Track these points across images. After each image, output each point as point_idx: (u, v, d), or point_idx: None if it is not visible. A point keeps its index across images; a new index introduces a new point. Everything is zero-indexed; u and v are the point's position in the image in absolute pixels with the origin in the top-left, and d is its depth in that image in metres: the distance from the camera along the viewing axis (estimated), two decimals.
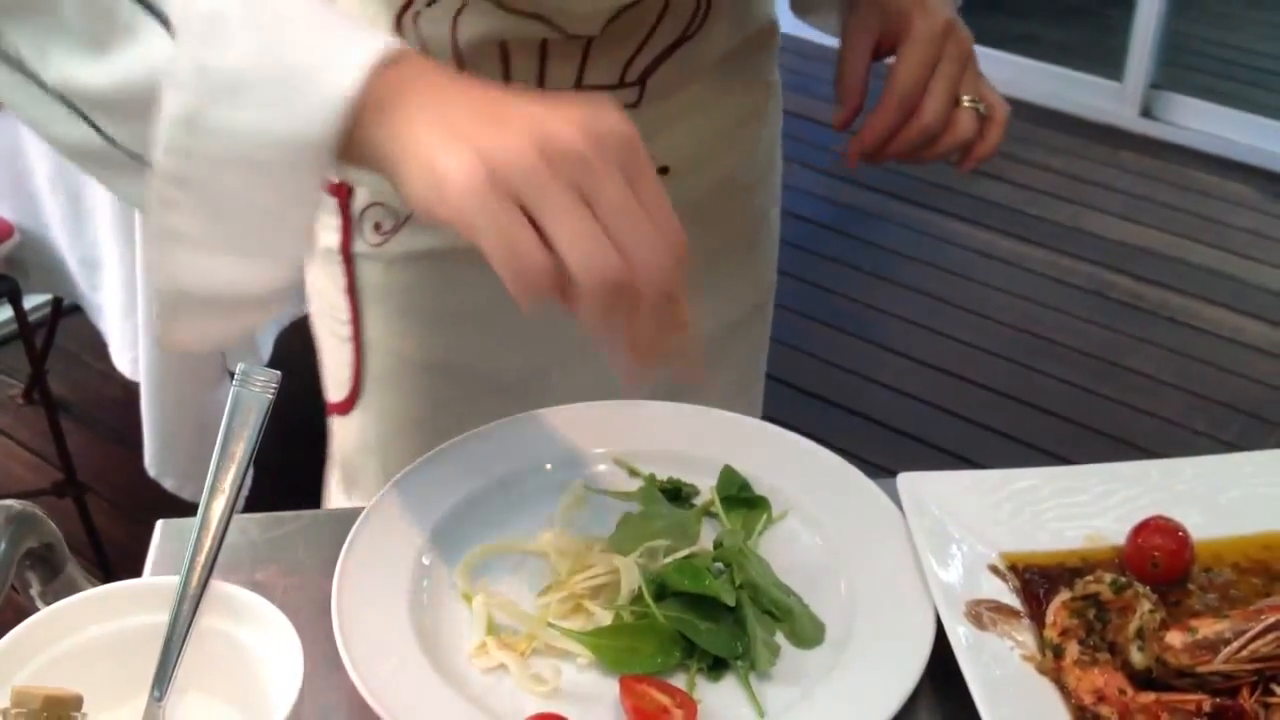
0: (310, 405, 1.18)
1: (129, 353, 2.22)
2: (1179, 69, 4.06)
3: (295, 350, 1.42)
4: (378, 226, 1.05)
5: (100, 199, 2.12)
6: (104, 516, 2.49)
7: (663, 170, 1.05)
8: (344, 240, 1.07)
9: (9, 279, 2.26)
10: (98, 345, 2.37)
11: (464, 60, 0.94)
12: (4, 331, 2.90)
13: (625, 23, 0.95)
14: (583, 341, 1.04)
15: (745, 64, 1.10)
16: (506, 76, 0.96)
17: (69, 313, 2.66)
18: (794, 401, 2.93)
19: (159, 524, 0.89)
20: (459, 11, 0.92)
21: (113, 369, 2.28)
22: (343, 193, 1.05)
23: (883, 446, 2.79)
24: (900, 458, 2.76)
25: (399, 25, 0.94)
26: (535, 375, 1.04)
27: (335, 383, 1.14)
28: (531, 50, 0.95)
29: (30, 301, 2.57)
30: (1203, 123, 3.89)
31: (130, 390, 2.25)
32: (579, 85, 0.98)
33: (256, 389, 0.75)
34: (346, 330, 1.10)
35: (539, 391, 1.02)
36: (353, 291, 1.08)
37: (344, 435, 1.14)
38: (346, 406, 1.13)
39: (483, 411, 0.96)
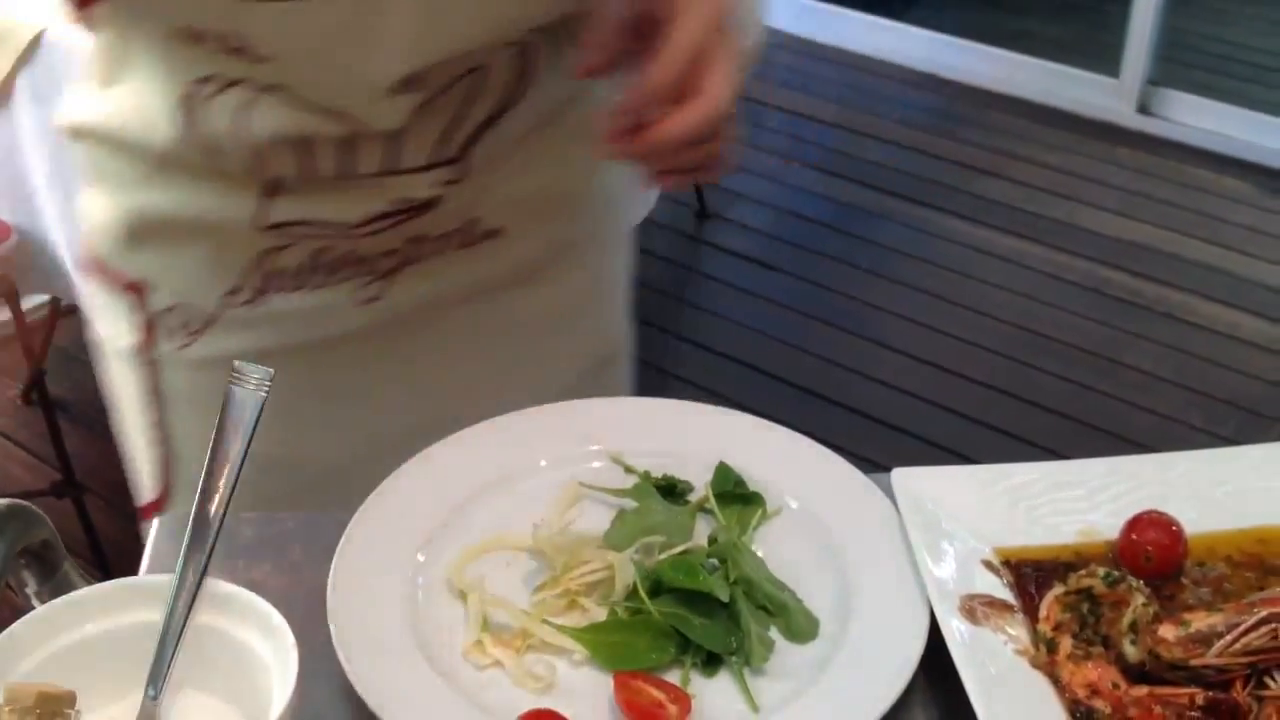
0: None
1: None
2: (1176, 65, 4.06)
3: None
4: (178, 329, 1.01)
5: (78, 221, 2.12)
6: (102, 516, 2.49)
7: (493, 234, 1.02)
8: (144, 342, 1.02)
9: (6, 280, 2.26)
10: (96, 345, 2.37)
11: (256, 148, 0.90)
12: (2, 332, 2.90)
13: (435, 109, 0.91)
14: (398, 433, 0.99)
15: (574, 121, 1.04)
16: (304, 170, 0.92)
17: (67, 313, 2.66)
18: (792, 398, 2.93)
19: (155, 521, 0.89)
20: (250, 105, 0.88)
21: None
22: (137, 291, 1.01)
23: (880, 443, 2.79)
24: (898, 454, 2.74)
25: (187, 105, 0.90)
26: (362, 463, 0.93)
27: (143, 484, 1.09)
28: (336, 146, 0.91)
29: (29, 302, 2.57)
30: (1200, 119, 3.89)
31: None
32: (392, 170, 0.93)
33: (251, 386, 0.75)
34: (153, 433, 1.06)
35: (363, 481, 0.91)
36: (156, 394, 1.04)
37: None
38: (157, 508, 1.09)
39: (302, 505, 0.91)
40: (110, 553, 2.42)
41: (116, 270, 1.02)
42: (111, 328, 1.05)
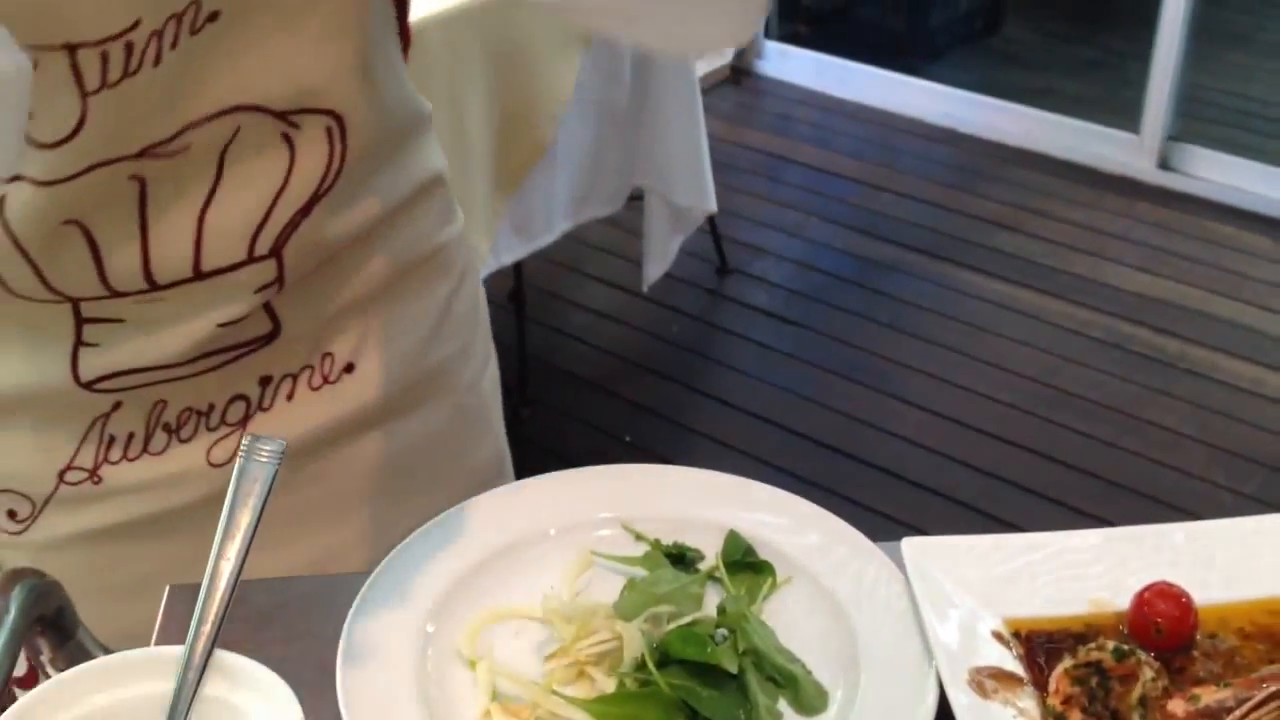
0: None
1: None
2: (1196, 121, 4.07)
3: None
4: (11, 514, 0.92)
5: None
6: None
7: (350, 368, 0.95)
8: None
9: None
10: None
11: (37, 258, 0.79)
12: None
13: (237, 175, 0.82)
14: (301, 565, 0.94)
15: (407, 233, 0.96)
16: (102, 273, 0.81)
17: None
18: (811, 453, 2.93)
19: (167, 589, 0.89)
20: (1, 200, 0.77)
21: None
22: None
23: (900, 499, 2.79)
24: (917, 510, 2.75)
25: None
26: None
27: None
28: (127, 227, 0.80)
29: None
30: (1220, 174, 3.90)
31: None
32: (197, 270, 0.83)
33: (263, 459, 0.76)
34: None
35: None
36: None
37: None
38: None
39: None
40: None
41: None
42: None
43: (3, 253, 0.79)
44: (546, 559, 0.91)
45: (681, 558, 0.91)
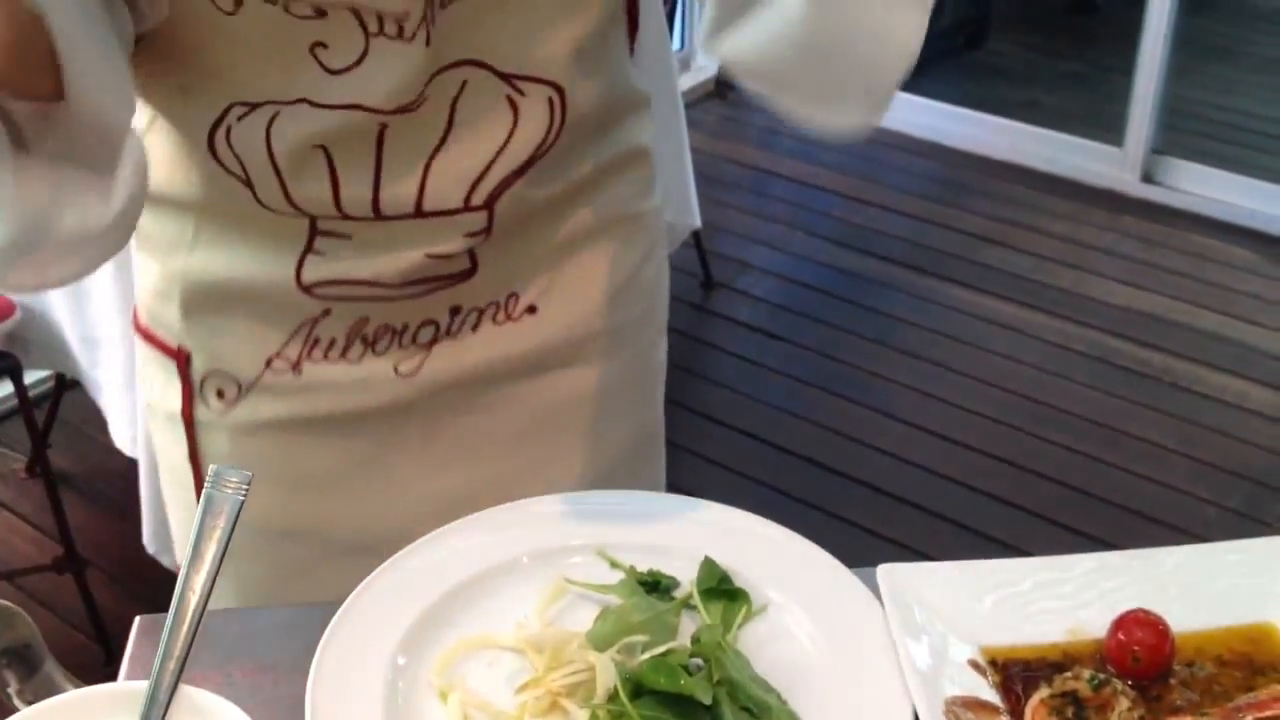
0: None
1: (128, 430, 2.23)
2: (1180, 134, 4.07)
3: None
4: (220, 394, 1.02)
5: (101, 278, 2.14)
6: (105, 591, 2.49)
7: (532, 310, 1.03)
8: (185, 406, 1.04)
9: (10, 356, 2.27)
10: (101, 419, 2.38)
11: (285, 174, 0.91)
12: (6, 406, 2.91)
13: (465, 130, 0.92)
14: (442, 501, 1.01)
15: (610, 194, 1.05)
16: (336, 196, 0.92)
17: (73, 385, 2.66)
18: (795, 468, 2.92)
19: (136, 620, 0.88)
20: (273, 119, 0.89)
21: None
22: (181, 358, 1.03)
23: (883, 514, 2.78)
24: (901, 526, 2.75)
25: (212, 143, 0.91)
26: (396, 535, 0.94)
27: (185, 544, 1.08)
28: (364, 160, 0.91)
29: (33, 376, 2.58)
30: (1205, 187, 3.90)
31: (134, 465, 2.25)
32: (419, 209, 0.94)
33: (229, 490, 0.75)
34: (192, 496, 1.06)
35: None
36: (195, 458, 1.05)
37: None
38: None
39: (342, 573, 0.90)
40: (111, 628, 2.41)
41: (160, 335, 1.04)
42: (157, 392, 1.06)
43: (259, 165, 0.91)
44: (520, 587, 0.90)
45: (656, 585, 0.91)
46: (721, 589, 0.90)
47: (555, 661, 0.83)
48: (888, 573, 0.88)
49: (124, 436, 2.24)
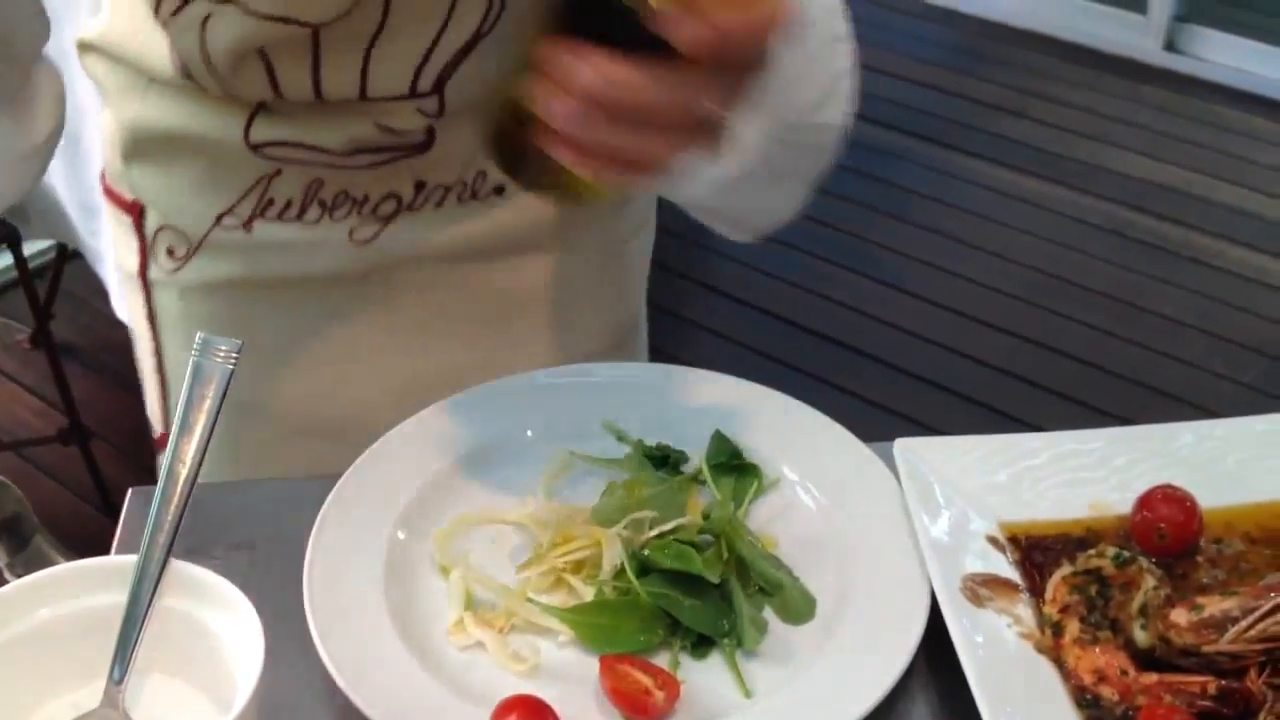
0: None
1: None
2: (1204, 1, 3.97)
3: None
4: (170, 252, 0.99)
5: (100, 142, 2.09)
6: (110, 462, 2.48)
7: (500, 190, 0.98)
8: (141, 264, 1.01)
9: (8, 224, 2.23)
10: (104, 290, 2.34)
11: (223, 73, 0.88)
12: (7, 277, 2.88)
13: (401, 19, 0.87)
14: (399, 384, 0.98)
15: None
16: (275, 88, 0.89)
17: (75, 256, 2.63)
18: (808, 344, 2.89)
19: (129, 493, 0.86)
20: (206, 20, 0.86)
21: None
22: (135, 212, 1.00)
23: (898, 391, 2.75)
24: (916, 403, 2.72)
25: (163, 29, 0.88)
26: (354, 421, 0.92)
27: (154, 415, 1.08)
28: (300, 58, 0.87)
29: (33, 247, 2.54)
30: (1228, 57, 3.81)
31: None
32: (363, 95, 0.89)
33: (219, 359, 0.72)
34: (152, 361, 1.05)
35: (357, 437, 0.88)
36: (152, 319, 1.03)
37: None
38: (163, 443, 1.03)
39: (297, 455, 0.86)
40: (117, 499, 2.40)
41: (119, 190, 1.01)
42: (121, 252, 1.03)
43: (195, 64, 0.88)
44: (525, 461, 0.88)
45: (665, 460, 0.88)
46: (732, 464, 0.88)
47: (561, 537, 0.81)
48: (904, 447, 0.85)
49: (124, 307, 2.21)
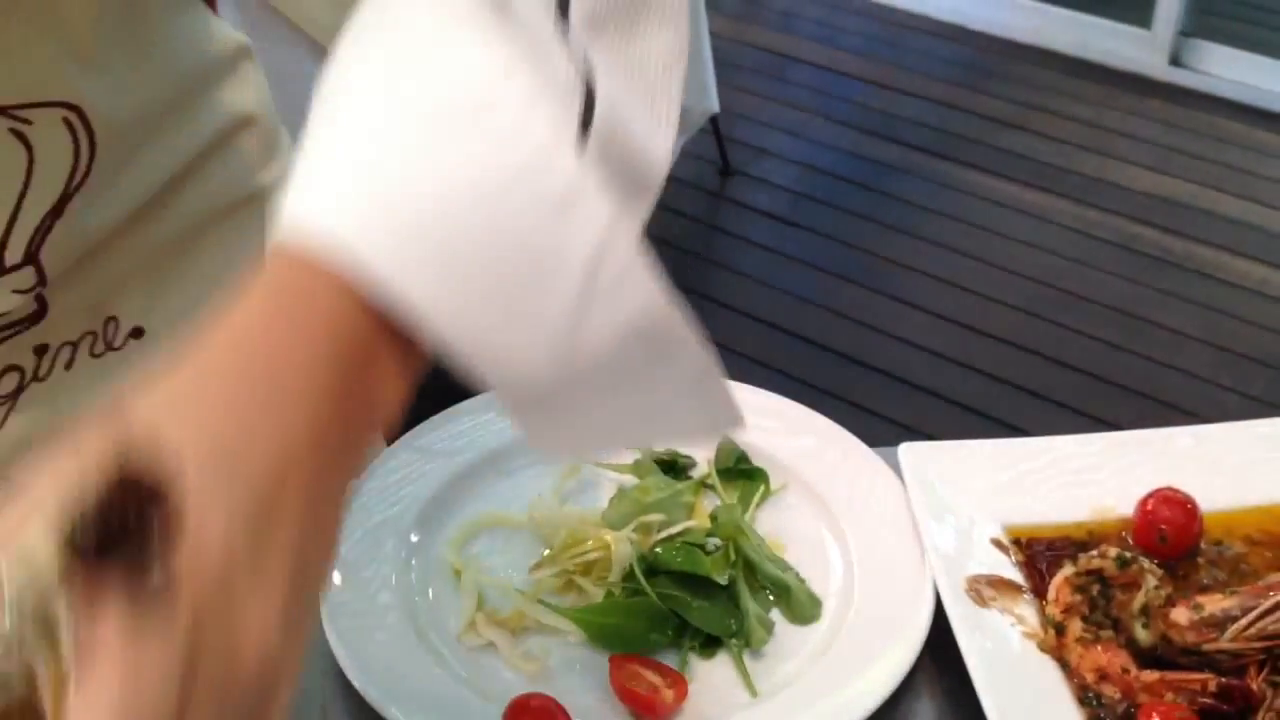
0: None
1: None
2: (1209, 16, 3.98)
3: None
4: None
5: None
6: None
7: (138, 333, 0.81)
8: None
9: None
10: None
11: None
12: None
13: None
14: None
15: (211, 182, 0.84)
16: None
17: None
18: (813, 357, 2.90)
19: None
20: None
21: None
22: None
23: (902, 403, 2.76)
24: (920, 414, 2.73)
25: None
26: None
27: None
28: None
29: None
30: (1233, 71, 3.82)
31: None
32: None
33: None
34: None
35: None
36: None
37: None
38: None
39: None
40: None
41: None
42: None
43: None
44: (536, 466, 0.89)
45: (673, 465, 0.89)
46: (739, 468, 0.89)
47: (570, 540, 0.82)
48: (909, 451, 0.86)
49: None
